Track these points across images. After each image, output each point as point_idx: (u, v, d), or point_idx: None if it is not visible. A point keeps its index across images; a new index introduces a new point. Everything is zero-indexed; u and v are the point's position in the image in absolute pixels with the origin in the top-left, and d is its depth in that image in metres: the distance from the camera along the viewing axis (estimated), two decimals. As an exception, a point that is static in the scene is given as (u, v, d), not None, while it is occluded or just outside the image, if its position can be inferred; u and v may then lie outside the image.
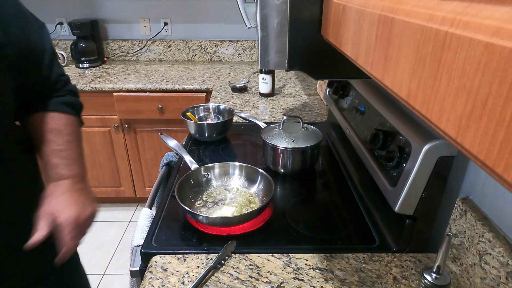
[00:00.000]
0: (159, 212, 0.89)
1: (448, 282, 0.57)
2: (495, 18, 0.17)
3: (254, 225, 0.84)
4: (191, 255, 0.75)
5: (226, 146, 1.20)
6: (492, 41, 0.17)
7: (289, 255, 0.75)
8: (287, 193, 1.02)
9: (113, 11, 2.38)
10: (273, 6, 0.60)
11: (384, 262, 0.74)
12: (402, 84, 0.28)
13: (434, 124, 0.23)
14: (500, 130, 0.17)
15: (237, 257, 0.75)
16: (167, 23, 2.44)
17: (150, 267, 0.72)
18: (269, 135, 1.09)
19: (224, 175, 1.00)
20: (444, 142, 0.65)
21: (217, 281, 0.68)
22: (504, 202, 0.61)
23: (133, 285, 0.84)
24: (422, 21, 0.24)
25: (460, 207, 0.69)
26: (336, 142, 1.24)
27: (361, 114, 0.99)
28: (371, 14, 0.34)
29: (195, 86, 1.98)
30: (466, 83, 0.19)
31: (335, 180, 1.08)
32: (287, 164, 1.06)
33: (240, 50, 2.52)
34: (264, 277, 0.70)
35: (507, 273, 0.56)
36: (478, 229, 0.63)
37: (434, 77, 0.22)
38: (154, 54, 2.52)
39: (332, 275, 0.70)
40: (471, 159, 0.19)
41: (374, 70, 0.34)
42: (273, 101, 1.74)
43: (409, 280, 0.69)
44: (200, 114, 1.41)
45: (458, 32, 0.20)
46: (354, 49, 0.40)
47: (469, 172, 0.71)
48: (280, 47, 0.63)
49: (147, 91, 1.98)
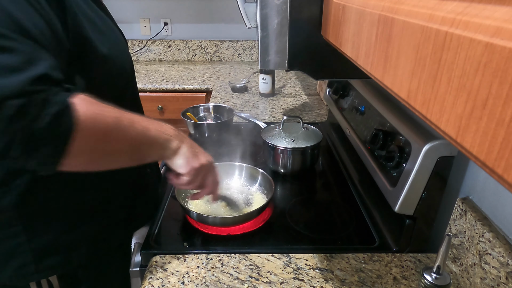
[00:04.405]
0: (159, 212, 0.89)
1: (448, 282, 0.57)
2: (495, 18, 0.17)
3: (254, 225, 0.84)
4: (191, 255, 0.75)
5: (226, 146, 1.20)
6: (492, 41, 0.17)
7: (289, 255, 0.75)
8: (287, 193, 1.02)
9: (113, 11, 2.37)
10: (273, 6, 0.60)
11: (384, 262, 0.74)
12: (402, 84, 0.28)
13: (434, 124, 0.23)
14: (500, 130, 0.17)
15: (237, 257, 0.75)
16: (167, 23, 2.44)
17: (150, 267, 0.72)
18: (269, 135, 1.09)
19: (224, 175, 1.00)
20: (444, 142, 0.65)
21: (217, 281, 0.68)
22: (504, 202, 0.61)
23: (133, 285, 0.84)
24: (422, 21, 0.24)
25: (460, 207, 0.69)
26: (336, 142, 1.24)
27: (361, 114, 0.99)
28: (371, 14, 0.34)
29: (195, 86, 1.98)
30: (466, 83, 0.19)
31: (335, 180, 1.08)
32: (287, 164, 1.06)
33: (240, 50, 2.51)
34: (264, 277, 0.70)
35: (507, 273, 0.56)
36: (478, 229, 0.63)
37: (434, 77, 0.22)
38: (154, 54, 2.52)
39: (332, 275, 0.70)
40: (471, 159, 0.19)
41: (374, 70, 0.34)
42: (273, 101, 1.74)
43: (409, 280, 0.69)
44: (200, 114, 1.41)
45: (458, 32, 0.20)
46: (354, 49, 0.40)
47: (469, 172, 0.71)
48: (280, 47, 0.63)
49: (147, 91, 1.98)
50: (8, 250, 0.69)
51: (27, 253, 0.69)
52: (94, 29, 0.65)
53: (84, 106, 0.50)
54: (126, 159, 0.60)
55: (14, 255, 0.69)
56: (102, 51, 0.65)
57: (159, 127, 0.64)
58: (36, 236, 0.69)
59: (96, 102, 0.53)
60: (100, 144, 0.54)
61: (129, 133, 0.57)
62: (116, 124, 0.55)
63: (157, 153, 0.64)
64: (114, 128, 0.54)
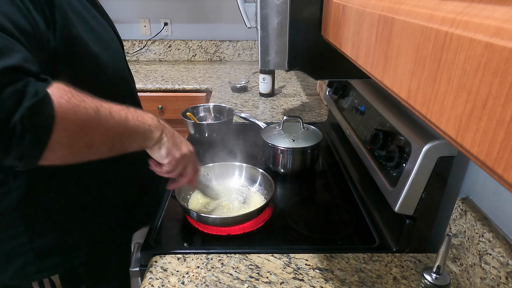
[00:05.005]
0: (159, 212, 0.89)
1: (448, 282, 0.57)
2: (495, 18, 0.17)
3: (254, 225, 0.84)
4: (191, 255, 0.75)
5: (226, 146, 1.20)
6: (492, 41, 0.17)
7: (289, 255, 0.75)
8: (287, 193, 1.02)
9: (113, 11, 2.38)
10: (273, 6, 0.60)
11: (384, 262, 0.74)
12: (402, 84, 0.28)
13: (434, 124, 0.23)
14: (500, 130, 0.17)
15: (237, 257, 0.74)
16: (167, 23, 2.44)
17: (150, 267, 0.72)
18: (269, 135, 1.09)
19: (224, 175, 1.00)
20: (444, 142, 0.65)
21: (217, 281, 0.68)
22: (504, 202, 0.61)
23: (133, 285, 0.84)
24: (422, 21, 0.24)
25: (460, 207, 0.69)
26: (336, 142, 1.24)
27: (361, 114, 0.99)
28: (371, 14, 0.34)
29: (195, 86, 1.98)
30: (466, 83, 0.19)
31: (335, 180, 1.08)
32: (287, 164, 1.06)
33: (240, 50, 2.51)
34: (264, 277, 0.70)
35: (507, 273, 0.56)
36: (478, 229, 0.63)
37: (434, 77, 0.22)
38: (154, 54, 2.52)
39: (332, 275, 0.70)
40: (471, 159, 0.19)
41: (374, 70, 0.34)
42: (273, 101, 1.74)
43: (409, 280, 0.69)
44: (200, 114, 1.41)
45: (458, 32, 0.20)
46: (354, 49, 0.40)
47: (469, 172, 0.71)
48: (280, 47, 0.63)
49: (147, 91, 1.98)
50: (10, 250, 0.69)
51: (29, 253, 0.69)
52: (86, 28, 0.65)
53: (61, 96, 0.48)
54: (106, 150, 0.58)
55: (16, 255, 0.69)
56: (93, 49, 0.65)
57: (138, 116, 0.62)
58: (38, 236, 0.69)
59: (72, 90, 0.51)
60: (79, 135, 0.51)
61: (108, 124, 0.55)
62: (96, 114, 0.53)
63: (138, 144, 0.64)
64: (93, 119, 0.52)
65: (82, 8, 0.66)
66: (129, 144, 0.62)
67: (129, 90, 0.82)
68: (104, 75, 0.71)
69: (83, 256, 0.75)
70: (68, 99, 0.49)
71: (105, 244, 0.80)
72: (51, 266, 0.72)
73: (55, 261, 0.72)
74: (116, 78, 0.75)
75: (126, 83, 0.81)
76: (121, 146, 0.61)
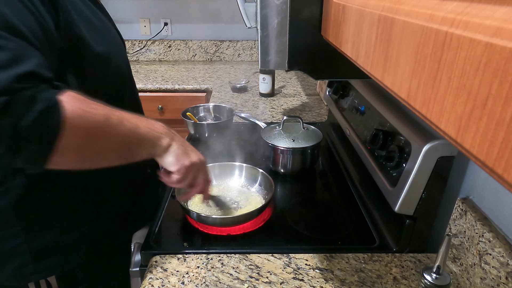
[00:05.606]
0: (159, 212, 0.89)
1: (448, 282, 0.57)
2: (495, 18, 0.17)
3: (254, 225, 0.84)
4: (191, 255, 0.75)
5: (226, 146, 1.19)
6: (492, 41, 0.17)
7: (289, 255, 0.75)
8: (287, 193, 1.02)
9: (113, 11, 2.37)
10: (273, 6, 0.60)
11: (384, 262, 0.74)
12: (402, 84, 0.28)
13: (434, 124, 0.23)
14: (500, 130, 0.17)
15: (237, 257, 0.74)
16: (167, 23, 2.44)
17: (150, 267, 0.72)
18: (269, 135, 1.09)
19: (224, 175, 1.00)
20: (444, 142, 0.65)
21: (217, 281, 0.68)
22: (504, 202, 0.61)
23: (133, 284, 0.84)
24: (422, 21, 0.24)
25: (460, 207, 0.69)
26: (336, 142, 1.24)
27: (361, 114, 0.99)
28: (371, 14, 0.34)
29: (195, 86, 1.98)
30: (466, 83, 0.19)
31: (335, 180, 1.08)
32: (287, 164, 1.06)
33: (240, 50, 2.51)
34: (264, 277, 0.70)
35: (507, 273, 0.56)
36: (478, 229, 0.63)
37: (434, 77, 0.22)
38: (154, 54, 2.52)
39: (332, 275, 0.70)
40: (471, 159, 0.19)
41: (374, 70, 0.34)
42: (273, 101, 1.74)
43: (409, 280, 0.69)
44: (200, 114, 1.41)
45: (458, 32, 0.20)
46: (354, 49, 0.40)
47: (469, 172, 0.71)
48: (280, 47, 0.63)
49: (147, 91, 1.98)
50: (6, 251, 0.68)
51: (26, 254, 0.69)
52: (89, 28, 0.65)
53: (72, 103, 0.49)
54: (115, 157, 0.59)
55: (13, 255, 0.69)
56: (97, 49, 0.65)
57: (149, 124, 0.63)
58: (35, 236, 0.69)
59: (85, 99, 0.52)
60: (88, 142, 0.52)
61: (118, 131, 0.56)
62: (105, 121, 0.53)
63: (147, 151, 0.63)
64: (103, 126, 0.53)
65: (85, 8, 0.66)
66: (138, 151, 0.62)
67: (130, 89, 0.82)
68: (107, 74, 0.71)
69: (81, 257, 0.75)
70: (79, 106, 0.50)
71: (104, 245, 0.80)
72: (49, 266, 0.72)
73: (52, 262, 0.72)
74: (118, 77, 0.75)
75: (128, 82, 0.81)
76: (130, 153, 0.61)
